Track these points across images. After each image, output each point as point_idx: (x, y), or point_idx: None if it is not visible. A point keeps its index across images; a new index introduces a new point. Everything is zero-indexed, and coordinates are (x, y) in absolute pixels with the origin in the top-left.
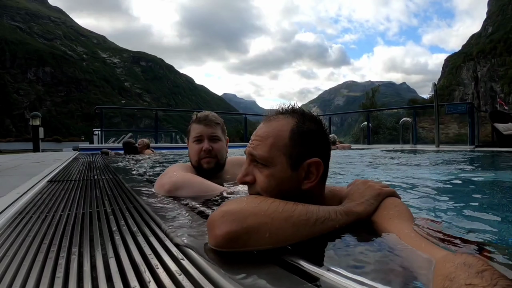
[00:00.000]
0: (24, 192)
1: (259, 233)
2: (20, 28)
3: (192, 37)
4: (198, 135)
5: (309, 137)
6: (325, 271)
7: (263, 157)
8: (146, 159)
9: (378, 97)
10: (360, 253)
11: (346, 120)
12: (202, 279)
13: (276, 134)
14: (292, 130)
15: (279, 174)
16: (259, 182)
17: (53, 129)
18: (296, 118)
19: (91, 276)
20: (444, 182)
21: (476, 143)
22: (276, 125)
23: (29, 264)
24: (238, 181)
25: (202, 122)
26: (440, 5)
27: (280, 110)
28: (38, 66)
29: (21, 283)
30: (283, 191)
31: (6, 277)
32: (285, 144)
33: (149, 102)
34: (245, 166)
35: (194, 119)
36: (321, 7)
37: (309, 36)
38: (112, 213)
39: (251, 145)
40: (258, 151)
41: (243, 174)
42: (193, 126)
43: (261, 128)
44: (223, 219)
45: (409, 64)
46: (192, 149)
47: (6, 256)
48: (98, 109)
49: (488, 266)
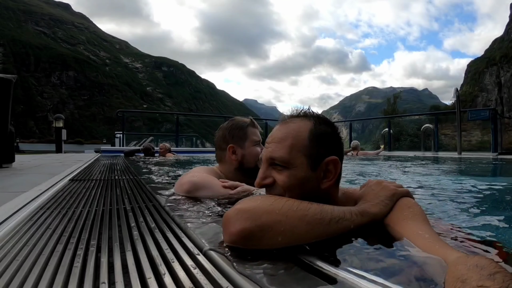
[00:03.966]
0: (46, 189)
1: (273, 231)
2: (44, 33)
3: (212, 42)
4: (259, 139)
5: (327, 138)
6: (341, 271)
7: (283, 159)
8: (167, 162)
9: (400, 104)
10: (374, 254)
11: (367, 127)
12: (217, 274)
13: (295, 136)
14: (310, 131)
15: (300, 174)
16: (281, 182)
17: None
18: (312, 120)
19: (107, 266)
20: (464, 189)
21: (499, 151)
22: (294, 126)
23: (48, 253)
24: (257, 185)
25: (257, 127)
26: (461, 8)
27: (295, 113)
28: (62, 70)
29: (40, 270)
30: (304, 191)
31: (26, 264)
32: (304, 145)
33: (171, 106)
34: (263, 169)
35: (249, 123)
36: (341, 12)
37: (329, 42)
38: (132, 210)
39: (269, 149)
40: (278, 153)
41: (261, 177)
42: (251, 130)
43: (278, 131)
44: (238, 217)
45: (430, 70)
46: (253, 152)
47: (26, 246)
48: (120, 113)
49: (500, 269)
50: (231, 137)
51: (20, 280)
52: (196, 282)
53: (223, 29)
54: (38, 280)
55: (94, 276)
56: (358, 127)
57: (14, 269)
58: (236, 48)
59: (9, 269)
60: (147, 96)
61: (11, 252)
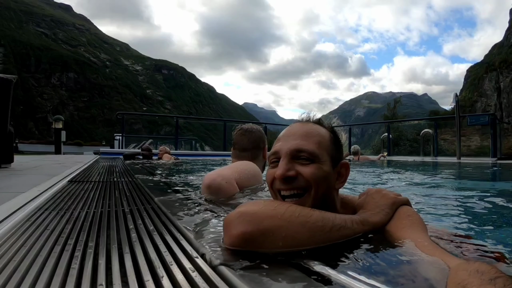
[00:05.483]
0: (44, 190)
1: (274, 236)
2: (45, 35)
3: (213, 46)
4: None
5: (340, 144)
6: (341, 276)
7: (313, 152)
8: (165, 164)
9: (399, 108)
10: (374, 261)
11: (367, 132)
12: (215, 277)
13: (320, 134)
14: (330, 134)
15: (326, 168)
16: (308, 174)
17: (74, 133)
18: (324, 126)
19: (105, 268)
20: (463, 194)
21: (499, 156)
22: (315, 127)
23: (46, 254)
24: (280, 177)
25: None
26: (461, 14)
27: (307, 119)
28: (62, 71)
29: (37, 271)
30: (327, 187)
31: (23, 265)
32: (328, 145)
33: (170, 109)
34: (284, 162)
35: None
36: (341, 16)
37: (329, 46)
38: (130, 212)
39: (293, 142)
40: (307, 146)
41: (286, 169)
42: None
43: (299, 128)
44: (240, 220)
45: (429, 75)
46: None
47: (24, 247)
48: (119, 115)
49: (501, 274)
50: (265, 138)
51: (17, 281)
52: (195, 285)
53: (224, 32)
54: (35, 281)
55: (92, 278)
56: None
57: (11, 270)
58: (236, 52)
59: (6, 269)
60: (147, 99)
61: (9, 252)
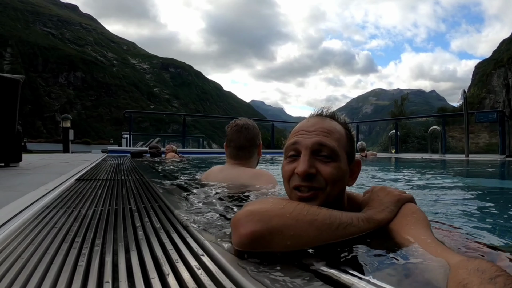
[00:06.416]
0: (52, 189)
1: (282, 235)
2: (52, 34)
3: (219, 44)
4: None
5: (353, 140)
6: (342, 274)
7: (334, 150)
8: (170, 161)
9: (407, 105)
10: (376, 259)
11: (374, 129)
12: (221, 275)
13: (338, 132)
14: (346, 131)
15: (343, 167)
16: (328, 174)
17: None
18: (340, 122)
19: (112, 265)
20: (470, 192)
21: (507, 153)
22: (333, 124)
23: (53, 252)
24: (303, 173)
25: None
26: (469, 9)
27: (325, 113)
28: (69, 70)
29: (45, 267)
30: (343, 186)
31: (31, 262)
32: (345, 142)
33: (178, 108)
34: (307, 157)
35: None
36: (348, 13)
37: (336, 43)
38: (137, 210)
39: (315, 136)
40: (330, 142)
41: (308, 165)
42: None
43: (320, 122)
44: (249, 218)
45: (437, 71)
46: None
47: (32, 244)
48: (127, 114)
49: (501, 272)
50: (260, 133)
51: (25, 278)
52: (200, 283)
53: (230, 30)
54: (42, 278)
55: (98, 275)
56: (365, 129)
57: (19, 267)
58: (242, 49)
59: (14, 266)
60: (154, 97)
61: (17, 250)
